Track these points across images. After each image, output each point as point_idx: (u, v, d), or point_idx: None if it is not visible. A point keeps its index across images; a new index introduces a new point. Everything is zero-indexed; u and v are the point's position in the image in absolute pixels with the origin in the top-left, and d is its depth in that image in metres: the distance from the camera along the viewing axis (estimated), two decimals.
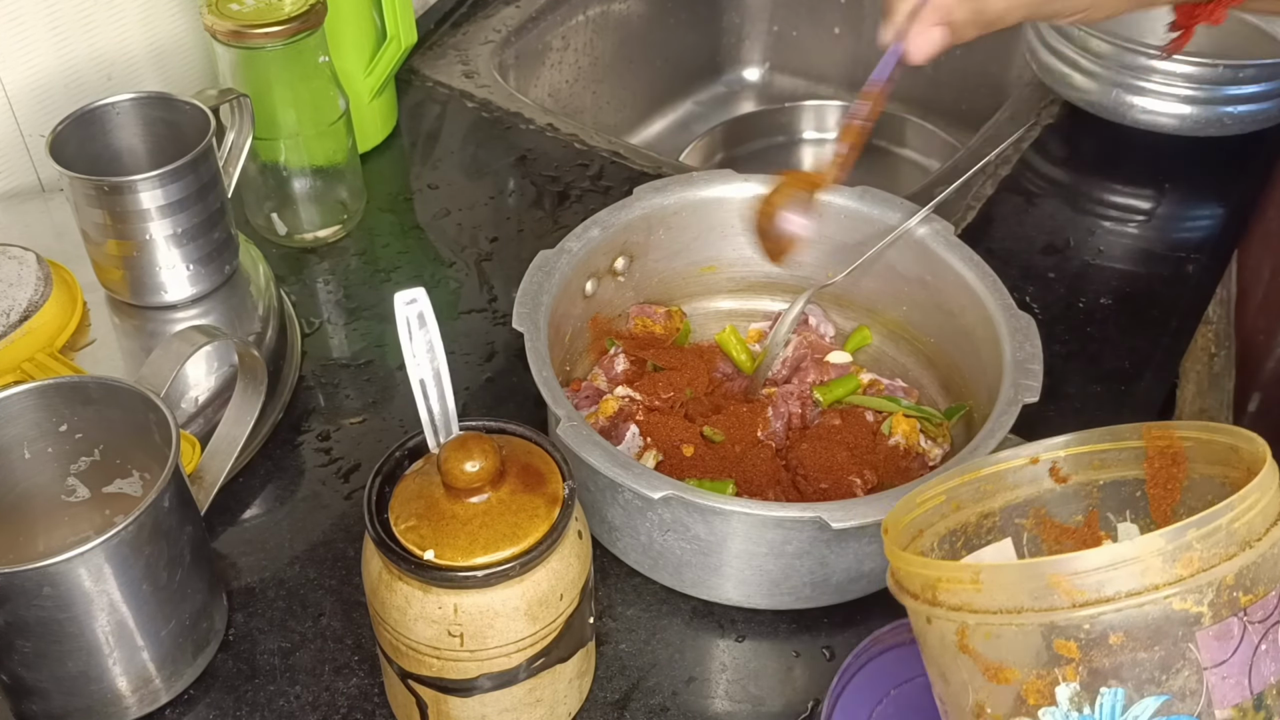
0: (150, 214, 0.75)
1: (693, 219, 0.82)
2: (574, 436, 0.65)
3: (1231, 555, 0.44)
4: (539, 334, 0.71)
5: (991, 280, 0.74)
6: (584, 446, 0.64)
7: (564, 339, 0.79)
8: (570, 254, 0.77)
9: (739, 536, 0.65)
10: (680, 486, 0.63)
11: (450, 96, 1.10)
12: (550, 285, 0.75)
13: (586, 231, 0.78)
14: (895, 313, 0.82)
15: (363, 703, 0.66)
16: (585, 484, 0.68)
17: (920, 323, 0.80)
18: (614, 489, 0.65)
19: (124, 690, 0.63)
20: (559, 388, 0.68)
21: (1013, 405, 0.67)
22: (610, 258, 0.81)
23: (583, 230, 0.78)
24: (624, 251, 0.81)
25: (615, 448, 0.65)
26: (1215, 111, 1.00)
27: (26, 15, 0.86)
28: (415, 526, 0.55)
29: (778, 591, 0.68)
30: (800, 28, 1.40)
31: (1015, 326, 0.71)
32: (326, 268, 0.93)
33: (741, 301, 0.87)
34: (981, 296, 0.74)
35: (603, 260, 0.80)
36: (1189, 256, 0.96)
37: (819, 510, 0.62)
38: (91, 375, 0.66)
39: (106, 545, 0.56)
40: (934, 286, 0.78)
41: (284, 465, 0.78)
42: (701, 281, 0.85)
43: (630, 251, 0.81)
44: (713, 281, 0.86)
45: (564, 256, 0.77)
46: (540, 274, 0.75)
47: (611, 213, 0.80)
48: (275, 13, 0.84)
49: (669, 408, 0.77)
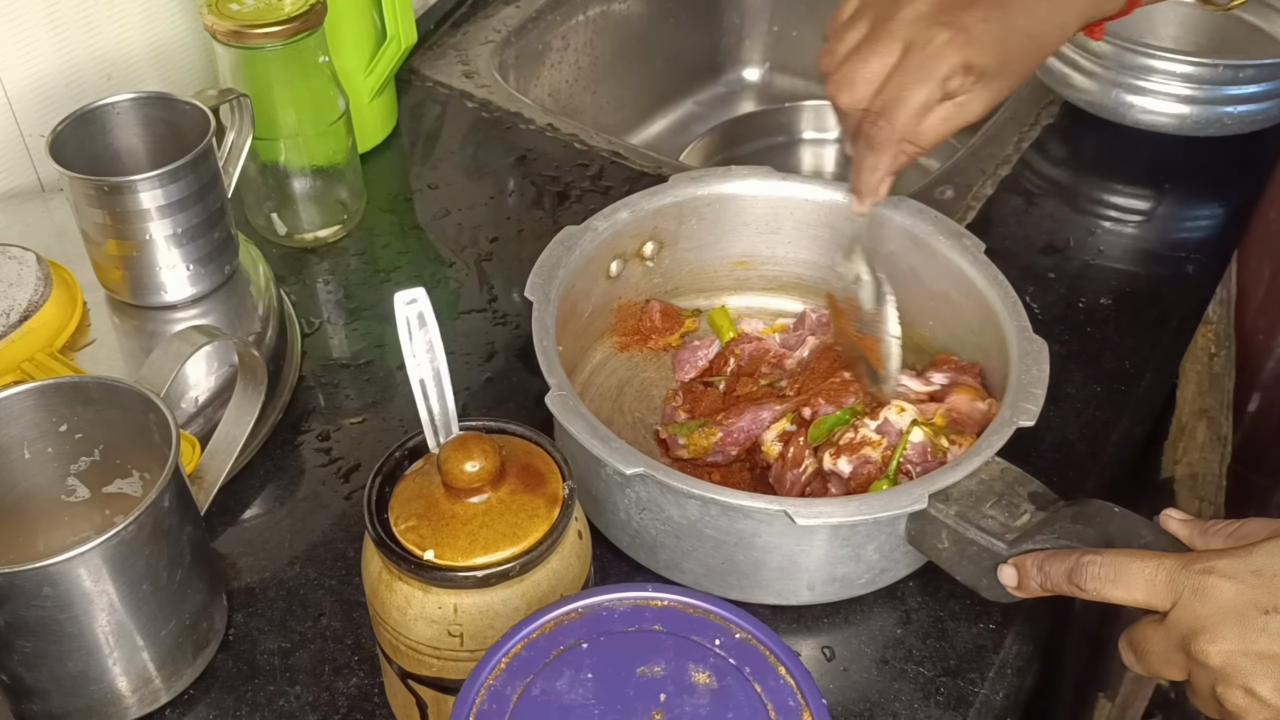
0: (150, 214, 0.75)
1: (727, 212, 0.82)
2: (560, 406, 0.66)
3: None
4: (548, 305, 0.72)
5: (1012, 301, 0.74)
6: (568, 417, 0.65)
7: (581, 315, 0.80)
8: (595, 232, 0.77)
9: (709, 524, 0.65)
10: (654, 465, 0.63)
11: (450, 96, 1.10)
12: (570, 260, 0.75)
13: (615, 213, 0.79)
14: (922, 328, 0.82)
15: (363, 703, 0.66)
16: (574, 455, 0.68)
17: (945, 340, 0.80)
18: (597, 463, 0.66)
19: (124, 690, 0.63)
20: (556, 357, 0.69)
21: (1006, 426, 0.67)
22: (639, 241, 0.81)
23: (611, 211, 0.79)
24: (653, 237, 0.82)
25: (597, 420, 0.66)
26: (1215, 111, 1.00)
27: (27, 15, 0.86)
28: (415, 526, 0.55)
29: (749, 585, 0.68)
30: (800, 28, 1.40)
31: (1026, 349, 0.71)
32: (326, 268, 0.93)
33: (773, 299, 0.87)
34: (1000, 317, 0.74)
35: (630, 243, 0.81)
36: (1189, 256, 0.96)
37: (785, 504, 0.62)
38: (91, 375, 0.65)
39: (106, 545, 0.57)
40: (959, 304, 0.78)
41: (284, 465, 0.78)
42: (734, 276, 0.86)
43: (660, 238, 0.82)
44: (745, 277, 0.86)
45: (588, 234, 0.77)
46: (561, 248, 0.76)
47: (643, 197, 0.80)
48: (275, 13, 0.84)
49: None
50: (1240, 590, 0.54)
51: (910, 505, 0.63)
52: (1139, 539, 0.60)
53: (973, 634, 0.70)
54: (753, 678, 0.45)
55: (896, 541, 0.67)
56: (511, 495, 0.56)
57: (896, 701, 0.66)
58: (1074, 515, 0.62)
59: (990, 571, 0.63)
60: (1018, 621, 0.70)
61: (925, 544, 0.66)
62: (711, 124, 1.32)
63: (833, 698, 0.67)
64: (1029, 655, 0.70)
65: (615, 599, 0.47)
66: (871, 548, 0.66)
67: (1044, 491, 0.65)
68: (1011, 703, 0.68)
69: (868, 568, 0.68)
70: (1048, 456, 0.79)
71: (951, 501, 0.64)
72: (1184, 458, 1.05)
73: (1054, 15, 0.69)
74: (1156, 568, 0.56)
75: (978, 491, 0.64)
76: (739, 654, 0.45)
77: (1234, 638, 0.53)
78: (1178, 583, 0.55)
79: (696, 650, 0.46)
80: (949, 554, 0.65)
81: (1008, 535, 0.63)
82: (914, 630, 0.70)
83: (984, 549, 0.63)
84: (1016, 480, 0.65)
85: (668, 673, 0.45)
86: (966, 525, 0.63)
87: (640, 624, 0.47)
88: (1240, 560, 0.55)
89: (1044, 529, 0.62)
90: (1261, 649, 0.53)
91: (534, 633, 0.46)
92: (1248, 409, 1.21)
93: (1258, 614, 0.53)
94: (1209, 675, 0.55)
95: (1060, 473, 0.78)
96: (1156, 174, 1.03)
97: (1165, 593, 0.56)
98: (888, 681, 0.67)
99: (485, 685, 0.45)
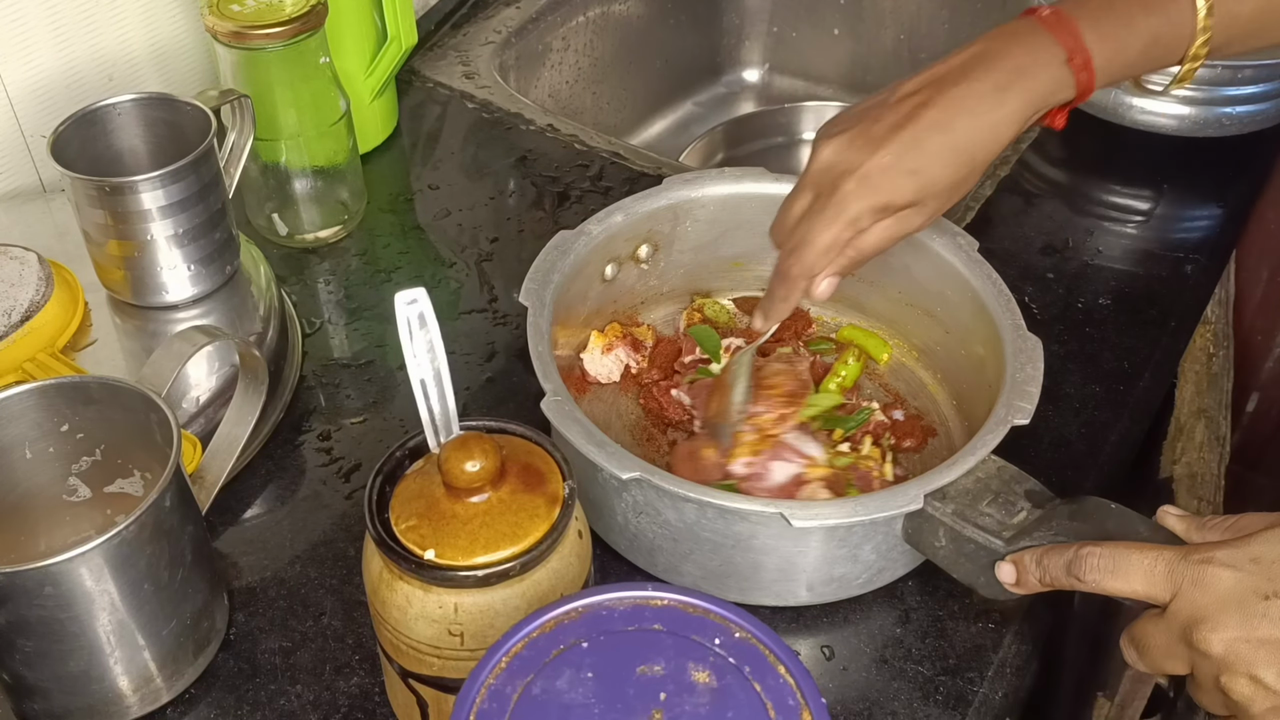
0: (151, 214, 0.75)
1: (722, 213, 0.82)
2: (556, 411, 0.66)
3: None
4: (543, 310, 0.72)
5: (1006, 300, 0.74)
6: (564, 422, 0.65)
7: (578, 319, 0.80)
8: (589, 236, 0.77)
9: (706, 527, 0.66)
10: (649, 469, 0.63)
11: (451, 97, 1.11)
12: (564, 265, 0.75)
13: (609, 216, 0.79)
14: (917, 327, 0.82)
15: (363, 702, 0.66)
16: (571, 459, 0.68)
17: (940, 339, 0.80)
18: (594, 467, 0.66)
19: (125, 689, 0.63)
20: (552, 362, 0.69)
21: (1001, 425, 0.67)
22: (633, 244, 0.81)
23: (605, 214, 0.79)
24: (648, 239, 0.82)
25: (593, 425, 0.66)
26: (1214, 112, 1.00)
27: (28, 16, 0.86)
28: (416, 526, 0.55)
29: (747, 586, 0.68)
30: (800, 29, 1.40)
31: (1020, 347, 0.71)
32: (327, 268, 0.93)
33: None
34: (994, 315, 0.74)
35: (625, 246, 0.81)
36: (1187, 257, 0.96)
37: (781, 507, 0.62)
38: (93, 375, 0.66)
39: (108, 545, 0.57)
40: (953, 302, 0.78)
41: (285, 465, 0.78)
42: (730, 276, 0.86)
43: (655, 240, 0.82)
44: (741, 278, 0.86)
45: (583, 238, 0.77)
46: (555, 253, 0.76)
47: (637, 200, 0.80)
48: (276, 14, 0.84)
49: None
50: (1240, 578, 0.54)
51: (906, 505, 0.63)
52: (1136, 535, 0.60)
53: (972, 633, 0.70)
54: (752, 677, 0.45)
55: (894, 541, 0.67)
56: (512, 495, 0.56)
57: (896, 700, 0.67)
58: (1071, 513, 0.63)
59: (988, 569, 0.64)
60: (1017, 620, 0.70)
61: (923, 543, 0.66)
62: (711, 125, 1.32)
63: (832, 697, 0.67)
64: (1028, 654, 0.70)
65: (615, 598, 0.47)
66: (869, 548, 0.67)
67: (1041, 489, 0.65)
68: (1010, 702, 0.68)
69: (865, 568, 0.68)
70: (1046, 456, 0.79)
71: (948, 500, 0.64)
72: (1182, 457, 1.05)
73: (978, 127, 0.67)
74: (1155, 559, 0.56)
75: (974, 490, 0.65)
76: (739, 653, 0.46)
77: (1235, 625, 0.54)
78: (1177, 574, 0.56)
79: (696, 649, 0.46)
80: (946, 552, 0.65)
81: (1005, 533, 0.63)
82: (913, 629, 0.70)
83: (981, 547, 0.63)
84: (1013, 478, 0.66)
85: (668, 672, 0.45)
86: (963, 523, 0.63)
87: (640, 623, 0.47)
88: (1238, 549, 0.55)
89: (1041, 526, 0.63)
90: (1263, 635, 0.53)
91: (534, 632, 0.46)
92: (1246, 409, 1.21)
93: (1258, 600, 0.53)
94: (1212, 665, 0.55)
95: (1059, 473, 0.78)
96: (1155, 174, 1.03)
97: (1165, 584, 0.56)
98: (887, 681, 0.68)
99: (486, 684, 0.45)
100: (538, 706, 0.44)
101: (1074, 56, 0.67)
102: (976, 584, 0.65)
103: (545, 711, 0.44)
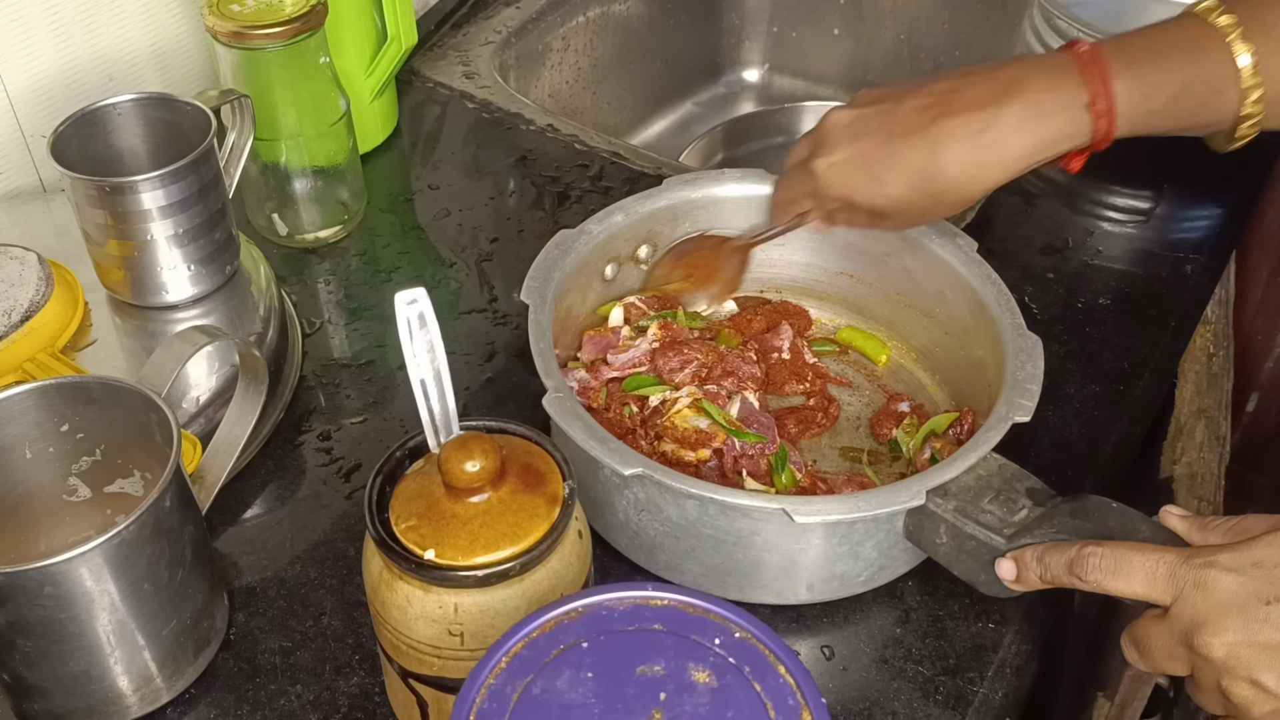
0: (151, 214, 0.75)
1: (721, 214, 0.83)
2: (557, 408, 0.66)
3: None
4: (544, 307, 0.72)
5: (1005, 299, 0.74)
6: (565, 418, 0.66)
7: (577, 317, 0.80)
8: (590, 235, 0.78)
9: (707, 523, 0.66)
10: (652, 466, 0.64)
11: (451, 97, 1.11)
12: (565, 264, 0.76)
13: (610, 216, 0.79)
14: (916, 328, 0.82)
15: (363, 702, 0.66)
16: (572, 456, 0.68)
17: (939, 339, 0.80)
18: (595, 464, 0.66)
19: (125, 689, 0.63)
20: (553, 359, 0.69)
21: (1002, 422, 0.67)
22: (633, 245, 0.82)
23: (605, 214, 0.79)
24: (648, 240, 0.82)
25: (594, 421, 0.66)
26: None
27: (28, 15, 0.86)
28: (416, 526, 0.55)
29: (748, 584, 0.68)
30: (800, 28, 1.40)
31: (1021, 346, 0.71)
32: (327, 268, 0.93)
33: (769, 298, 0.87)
34: (994, 315, 0.74)
35: (625, 246, 0.81)
36: (1187, 257, 0.96)
37: (783, 503, 0.62)
38: (93, 375, 0.66)
39: (108, 545, 0.57)
40: (953, 303, 0.78)
41: (285, 465, 0.78)
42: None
43: (655, 240, 0.82)
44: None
45: (583, 238, 0.77)
46: (556, 251, 0.76)
47: (637, 200, 0.80)
48: (276, 14, 0.84)
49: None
50: (1241, 582, 0.54)
51: (908, 501, 0.64)
52: (1137, 534, 0.61)
53: (972, 633, 0.70)
54: (752, 677, 0.45)
55: (895, 538, 0.67)
56: (512, 495, 0.56)
57: (896, 700, 0.67)
58: (1072, 510, 0.63)
59: (988, 566, 0.64)
60: (1017, 620, 0.70)
61: (924, 540, 0.66)
62: (711, 125, 1.32)
63: (832, 697, 0.67)
64: (1028, 654, 0.70)
65: (615, 598, 0.47)
66: (870, 545, 0.67)
67: (1042, 487, 0.65)
68: (1010, 701, 0.68)
69: (866, 565, 0.68)
70: (1047, 456, 0.79)
71: (950, 497, 0.64)
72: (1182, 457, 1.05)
73: (965, 164, 0.68)
74: (1157, 561, 0.56)
75: (976, 487, 0.65)
76: (739, 653, 0.46)
77: (1237, 629, 0.54)
78: (1179, 577, 0.56)
79: (696, 649, 0.46)
80: (947, 549, 0.65)
81: (1006, 530, 0.63)
82: (913, 629, 0.70)
83: (982, 544, 0.63)
84: (1014, 476, 0.66)
85: (668, 672, 0.45)
86: (965, 520, 0.63)
87: (640, 623, 0.47)
88: (1240, 553, 0.55)
89: (1042, 524, 0.63)
90: (1265, 639, 0.53)
91: (534, 632, 0.46)
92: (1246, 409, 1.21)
93: (1259, 605, 0.53)
94: (1213, 669, 0.55)
95: (1059, 472, 0.78)
96: (1155, 174, 1.03)
97: (1166, 587, 0.56)
98: (887, 680, 0.68)
99: (485, 684, 0.45)
100: (538, 706, 0.44)
101: (1096, 101, 0.67)
102: (977, 581, 0.65)
103: (545, 711, 0.44)
